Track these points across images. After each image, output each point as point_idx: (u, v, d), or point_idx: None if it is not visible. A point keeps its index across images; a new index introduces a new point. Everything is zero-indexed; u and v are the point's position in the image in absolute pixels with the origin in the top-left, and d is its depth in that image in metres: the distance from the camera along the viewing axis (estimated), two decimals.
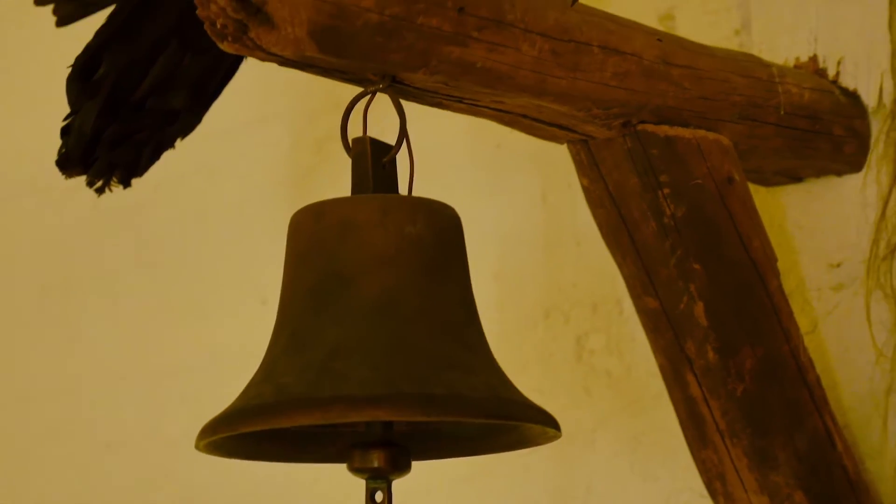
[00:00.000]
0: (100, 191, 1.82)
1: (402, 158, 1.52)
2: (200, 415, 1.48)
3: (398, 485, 1.50)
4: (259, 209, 2.23)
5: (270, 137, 2.27)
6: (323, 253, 1.47)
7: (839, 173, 1.91)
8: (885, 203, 1.18)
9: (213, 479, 2.19)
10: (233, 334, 1.90)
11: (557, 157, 1.73)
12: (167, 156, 1.87)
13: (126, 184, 1.83)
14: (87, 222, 2.14)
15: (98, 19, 1.80)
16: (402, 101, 1.47)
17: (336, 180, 1.60)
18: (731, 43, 1.94)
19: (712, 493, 1.73)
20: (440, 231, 1.49)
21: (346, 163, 1.53)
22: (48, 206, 2.02)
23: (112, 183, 1.83)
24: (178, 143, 1.86)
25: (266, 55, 1.35)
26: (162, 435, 2.28)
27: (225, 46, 1.34)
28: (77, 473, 2.60)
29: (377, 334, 1.40)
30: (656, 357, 1.72)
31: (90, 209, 1.87)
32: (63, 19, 1.79)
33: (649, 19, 1.97)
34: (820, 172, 1.92)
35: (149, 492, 2.47)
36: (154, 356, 2.40)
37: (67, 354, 2.61)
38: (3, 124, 2.21)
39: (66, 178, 1.81)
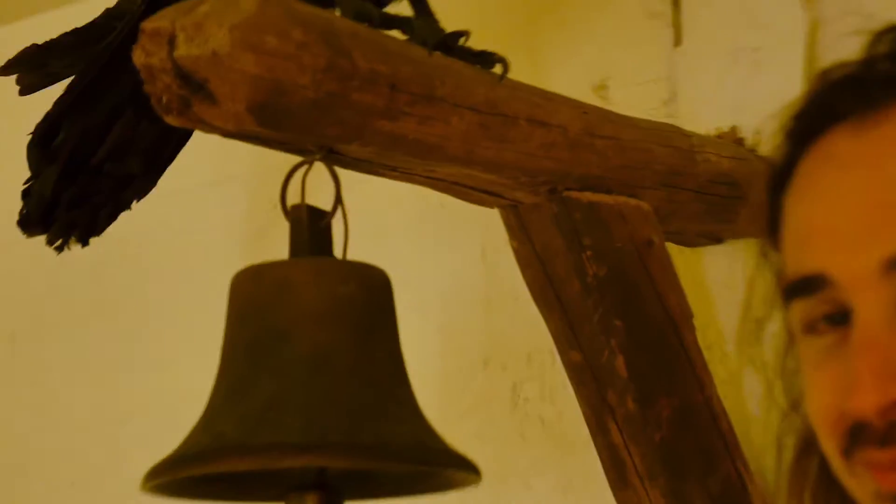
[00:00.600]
0: (59, 249, 1.81)
1: (350, 223, 1.56)
2: (159, 456, 1.52)
3: None
4: (215, 265, 2.13)
5: (227, 197, 2.29)
6: (260, 311, 1.52)
7: (757, 236, 1.88)
8: (751, 282, 1.20)
9: None
10: (189, 382, 1.87)
11: (496, 218, 1.73)
12: (129, 213, 1.86)
13: (84, 243, 1.83)
14: (55, 275, 2.15)
15: (58, 88, 1.81)
16: (340, 171, 1.51)
17: (285, 242, 1.59)
18: (659, 113, 1.94)
19: None
20: (371, 291, 1.54)
21: None
22: (18, 259, 2.04)
23: (71, 242, 1.82)
24: (136, 203, 1.86)
25: (209, 128, 1.40)
26: (123, 474, 2.19)
27: (170, 120, 1.39)
28: None
29: (310, 387, 1.46)
30: (581, 406, 1.73)
31: (57, 263, 1.89)
32: (26, 88, 1.82)
33: (584, 89, 2.03)
34: (739, 235, 1.91)
35: None
36: (116, 401, 2.38)
37: (35, 397, 2.60)
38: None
39: (27, 237, 1.81)
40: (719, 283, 1.91)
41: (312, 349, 1.48)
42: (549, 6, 2.10)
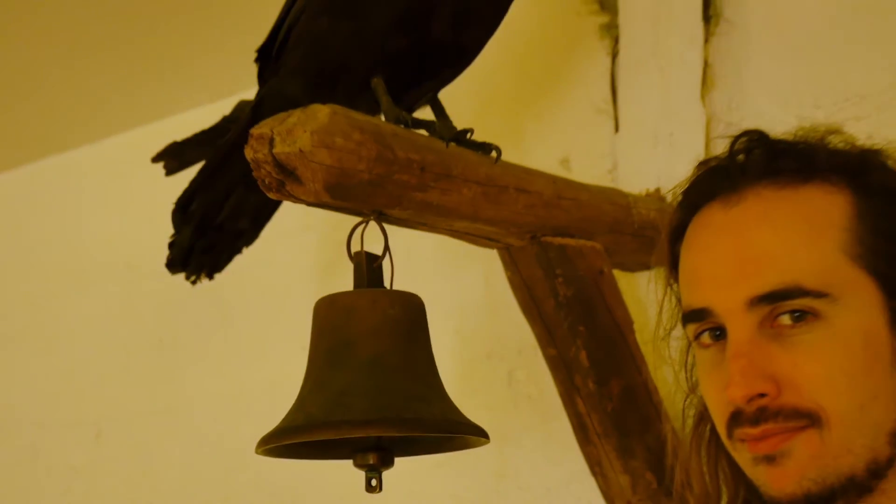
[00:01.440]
0: (193, 283, 1.87)
1: (399, 264, 1.55)
2: (264, 430, 1.53)
3: (392, 472, 1.54)
4: (295, 293, 2.20)
5: (306, 243, 2.22)
6: (334, 327, 1.52)
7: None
8: (661, 303, 1.23)
9: (278, 472, 2.13)
10: (282, 376, 1.91)
11: (495, 255, 1.72)
12: (240, 256, 1.90)
13: (210, 278, 1.87)
14: (189, 299, 2.12)
15: (192, 171, 1.84)
16: (387, 226, 1.50)
17: (349, 275, 1.57)
18: (605, 179, 1.92)
19: (594, 473, 1.74)
20: (411, 312, 1.54)
21: None
22: (165, 286, 2.06)
23: (202, 276, 1.87)
24: (245, 250, 1.89)
25: (297, 200, 1.41)
26: (238, 442, 2.19)
27: (270, 195, 1.40)
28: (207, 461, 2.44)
29: (370, 380, 1.47)
30: (556, 386, 1.72)
31: (191, 289, 1.93)
32: (169, 172, 1.86)
33: (553, 162, 1.99)
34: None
35: (232, 475, 2.37)
36: (231, 390, 2.36)
37: (179, 385, 2.48)
38: (140, 235, 2.17)
39: (172, 274, 1.85)
40: (650, 299, 1.71)
41: (371, 354, 1.49)
42: (528, 105, 2.06)
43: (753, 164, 1.15)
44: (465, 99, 1.74)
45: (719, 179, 1.17)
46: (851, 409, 1.08)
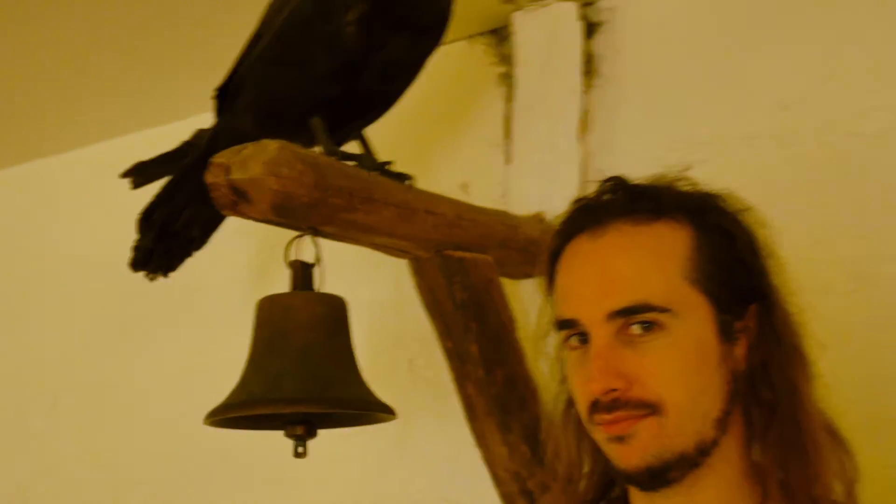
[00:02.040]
0: (152, 279, 1.85)
1: (327, 270, 1.61)
2: (206, 403, 1.58)
3: (313, 442, 1.59)
4: (235, 289, 2.20)
5: (243, 247, 2.20)
6: (273, 321, 1.56)
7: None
8: (540, 310, 1.29)
9: (221, 445, 2.10)
10: (221, 360, 1.82)
11: (403, 264, 1.73)
12: (190, 258, 1.89)
13: (165, 276, 1.85)
14: (148, 291, 1.99)
15: (154, 186, 1.82)
16: (320, 239, 1.55)
17: (284, 279, 1.63)
18: (497, 203, 1.90)
19: (479, 445, 1.73)
20: (335, 310, 1.59)
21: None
22: (124, 282, 1.96)
23: (158, 275, 1.85)
24: (195, 253, 1.87)
25: (247, 217, 1.45)
26: (186, 411, 2.04)
27: (224, 212, 1.45)
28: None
29: (300, 366, 1.52)
30: (451, 372, 1.73)
31: (147, 285, 1.88)
32: (136, 186, 1.84)
33: (455, 187, 2.00)
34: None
35: (174, 443, 2.31)
36: (179, 370, 2.31)
37: (132, 366, 2.41)
38: (104, 236, 2.12)
39: (133, 272, 1.83)
40: (531, 304, 1.83)
41: (302, 344, 1.53)
42: (436, 140, 2.06)
43: (615, 204, 1.19)
44: (385, 134, 1.74)
45: (588, 215, 1.19)
46: (685, 400, 1.12)
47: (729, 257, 1.17)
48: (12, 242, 2.58)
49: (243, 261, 2.17)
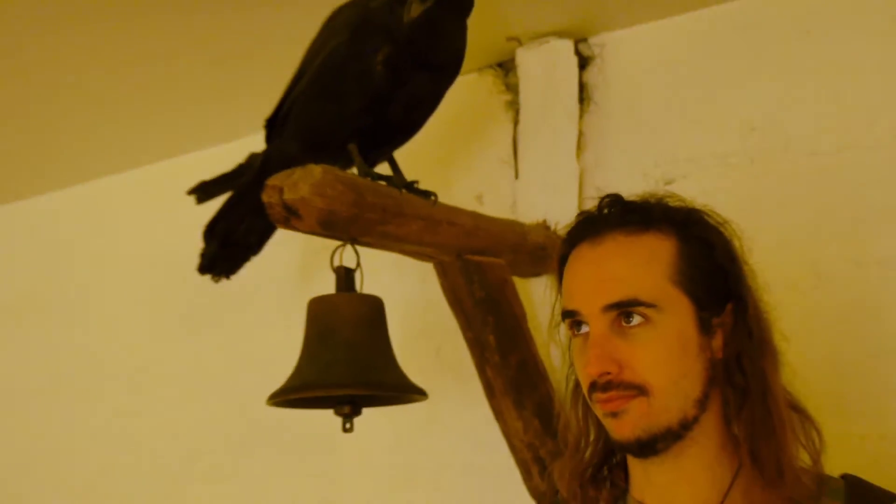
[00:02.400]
0: (216, 280, 1.83)
1: (365, 274, 1.60)
2: (258, 384, 1.65)
3: (358, 419, 1.60)
4: (288, 291, 2.15)
5: (292, 252, 2.13)
6: (322, 318, 1.56)
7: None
8: (553, 305, 1.30)
9: (276, 420, 2.05)
10: (271, 348, 1.93)
11: (430, 267, 1.72)
12: (248, 263, 1.87)
13: (228, 278, 1.84)
14: (211, 291, 1.97)
15: (217, 202, 1.81)
16: (359, 248, 1.56)
17: (326, 279, 1.62)
18: (508, 213, 1.89)
19: (497, 419, 1.72)
20: (373, 309, 1.59)
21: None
22: (193, 283, 1.95)
23: (222, 277, 1.83)
24: (253, 259, 1.85)
25: (297, 230, 1.45)
26: (244, 391, 2.17)
27: (278, 226, 1.45)
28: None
29: (346, 355, 1.53)
30: (473, 359, 1.72)
31: (212, 286, 1.86)
32: (199, 201, 1.81)
33: (472, 198, 1.98)
34: (548, 273, 1.83)
35: (236, 419, 2.25)
36: (236, 357, 2.28)
37: (196, 354, 2.37)
38: (177, 244, 2.01)
39: (200, 275, 1.82)
40: (540, 299, 1.84)
41: (347, 337, 1.54)
42: (454, 159, 2.03)
43: (612, 217, 1.21)
44: (410, 156, 1.71)
45: (589, 226, 1.22)
46: (668, 384, 1.15)
47: (708, 263, 1.18)
48: (102, 247, 2.56)
49: (292, 264, 2.14)
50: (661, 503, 1.22)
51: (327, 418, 1.61)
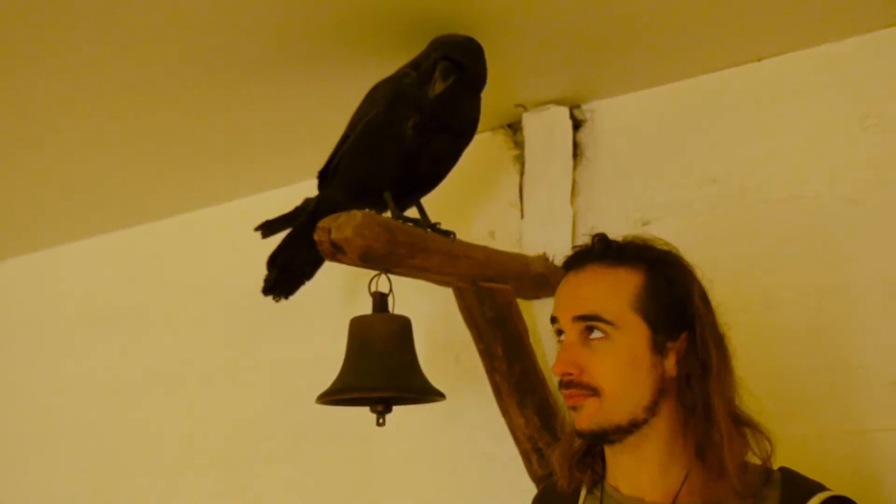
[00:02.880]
0: (277, 300, 1.83)
1: (396, 294, 1.61)
2: (321, 385, 1.59)
3: (391, 416, 1.62)
4: (334, 309, 2.08)
5: (336, 279, 2.06)
6: (361, 334, 1.58)
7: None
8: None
9: (322, 414, 1.92)
10: (320, 354, 1.91)
11: (450, 291, 1.70)
12: (303, 287, 1.86)
13: (286, 298, 1.84)
14: (271, 309, 1.93)
15: (278, 237, 1.81)
16: (392, 276, 1.58)
17: (368, 304, 1.62)
18: (515, 247, 1.87)
19: (504, 417, 1.70)
20: (403, 327, 1.59)
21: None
22: (256, 302, 1.93)
23: (281, 298, 1.83)
24: (306, 284, 1.85)
25: (342, 262, 1.46)
26: (307, 392, 1.93)
27: (326, 258, 1.47)
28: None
29: (380, 364, 1.55)
30: (483, 366, 1.71)
31: (272, 304, 1.87)
32: (264, 237, 1.80)
33: (485, 234, 1.95)
34: (548, 295, 1.80)
35: (291, 411, 2.22)
36: (291, 360, 2.25)
37: (258, 356, 2.33)
38: (245, 270, 2.00)
39: (264, 295, 1.83)
40: (539, 318, 1.84)
41: (381, 350, 1.55)
42: (471, 202, 2.00)
43: (594, 252, 1.24)
44: (436, 202, 1.71)
45: (576, 259, 1.27)
46: (617, 390, 1.17)
47: (668, 297, 1.19)
48: (189, 269, 2.54)
49: (337, 289, 2.14)
50: (629, 486, 1.23)
51: (364, 414, 1.63)
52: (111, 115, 1.90)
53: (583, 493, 1.28)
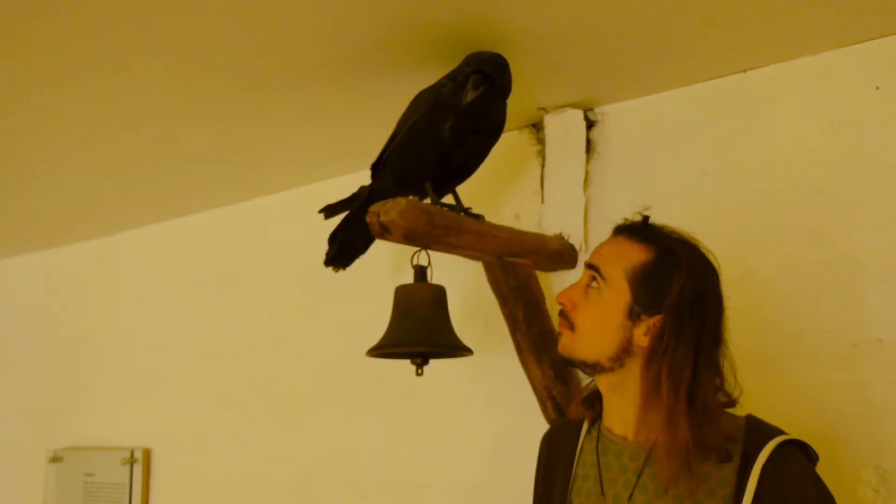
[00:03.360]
0: (336, 271, 1.84)
1: (434, 267, 1.63)
2: (370, 341, 1.60)
3: (428, 369, 1.63)
4: (383, 279, 2.08)
5: (386, 253, 2.05)
6: (404, 300, 1.59)
7: (569, 269, 1.83)
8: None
9: (373, 369, 2.05)
10: (370, 314, 1.87)
11: (479, 266, 1.70)
12: (357, 261, 1.86)
13: (344, 269, 1.83)
14: (333, 277, 1.95)
15: (337, 219, 1.81)
16: (430, 252, 1.59)
17: (408, 272, 1.64)
18: (536, 228, 1.87)
19: (524, 369, 1.71)
20: (439, 294, 1.61)
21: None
22: (320, 272, 1.92)
23: (340, 269, 1.83)
24: (360, 258, 1.85)
25: (389, 240, 1.46)
26: (355, 345, 1.98)
27: (376, 237, 1.46)
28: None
29: (420, 325, 1.56)
30: (507, 326, 1.70)
31: (333, 274, 1.87)
32: (327, 217, 1.80)
33: (511, 217, 1.95)
34: (563, 269, 1.84)
35: (346, 364, 2.23)
36: (348, 320, 2.25)
37: (321, 316, 2.33)
38: (312, 245, 1.95)
39: (325, 267, 1.81)
40: (557, 286, 1.82)
41: (421, 313, 1.56)
42: (499, 190, 1.99)
43: (625, 227, 1.25)
44: (470, 189, 1.72)
45: (618, 228, 1.28)
46: (587, 333, 1.18)
47: (659, 281, 1.17)
48: (263, 245, 2.53)
49: (386, 261, 2.13)
50: (619, 427, 1.24)
51: (407, 366, 1.66)
52: (202, 118, 1.93)
53: (583, 431, 1.32)
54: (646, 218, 1.23)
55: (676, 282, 1.15)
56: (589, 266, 1.20)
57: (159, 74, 1.65)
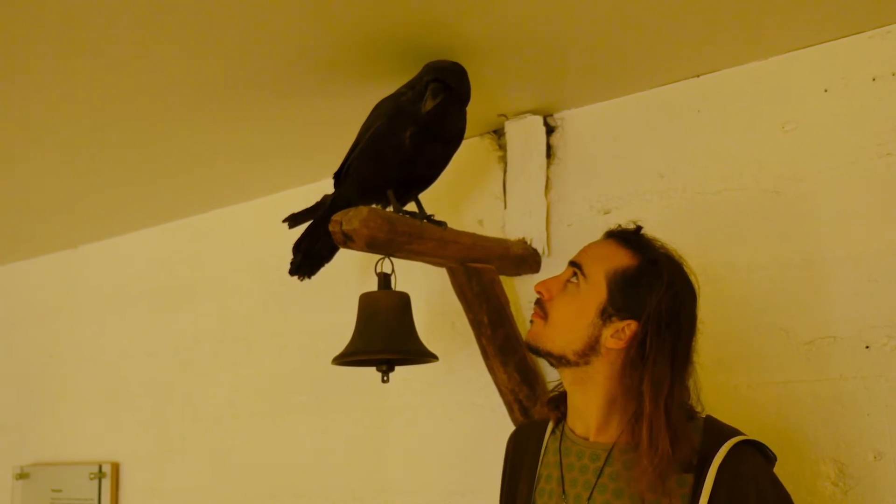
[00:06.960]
0: (301, 280, 1.81)
1: (397, 276, 1.62)
2: (337, 348, 1.59)
3: (398, 372, 1.66)
4: (347, 286, 2.08)
5: (350, 261, 2.05)
6: (368, 307, 1.58)
7: (532, 273, 1.82)
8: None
9: (340, 374, 2.05)
10: (335, 322, 1.90)
11: (443, 272, 1.69)
12: (322, 269, 1.82)
13: (309, 278, 1.81)
14: (296, 286, 2.06)
15: (301, 228, 1.78)
16: (394, 260, 1.58)
17: (374, 282, 1.62)
18: (500, 233, 1.87)
19: (490, 373, 1.71)
20: (403, 301, 1.60)
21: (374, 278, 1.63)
22: (285, 280, 1.95)
23: (304, 277, 1.80)
24: (325, 266, 1.82)
25: (352, 248, 1.45)
26: (319, 352, 2.14)
27: (339, 245, 1.44)
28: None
29: (384, 332, 1.55)
30: (472, 330, 1.71)
31: (297, 282, 1.87)
32: (291, 226, 1.77)
33: (473, 221, 1.95)
34: (527, 273, 1.83)
35: (312, 368, 2.22)
36: (312, 328, 2.24)
37: (285, 324, 2.32)
38: (273, 254, 2.06)
39: (290, 275, 1.80)
40: (519, 290, 1.84)
41: (384, 320, 1.55)
42: (462, 196, 1.99)
43: (615, 233, 1.25)
44: (433, 196, 1.72)
45: (608, 232, 1.28)
46: (558, 324, 1.18)
47: (636, 288, 1.17)
48: (229, 252, 2.52)
49: (350, 269, 2.12)
50: (580, 428, 1.24)
51: (374, 373, 1.65)
52: (166, 130, 1.91)
53: (548, 432, 1.32)
54: (638, 227, 1.23)
55: (656, 293, 1.15)
56: (572, 263, 1.20)
57: (116, 89, 1.62)
